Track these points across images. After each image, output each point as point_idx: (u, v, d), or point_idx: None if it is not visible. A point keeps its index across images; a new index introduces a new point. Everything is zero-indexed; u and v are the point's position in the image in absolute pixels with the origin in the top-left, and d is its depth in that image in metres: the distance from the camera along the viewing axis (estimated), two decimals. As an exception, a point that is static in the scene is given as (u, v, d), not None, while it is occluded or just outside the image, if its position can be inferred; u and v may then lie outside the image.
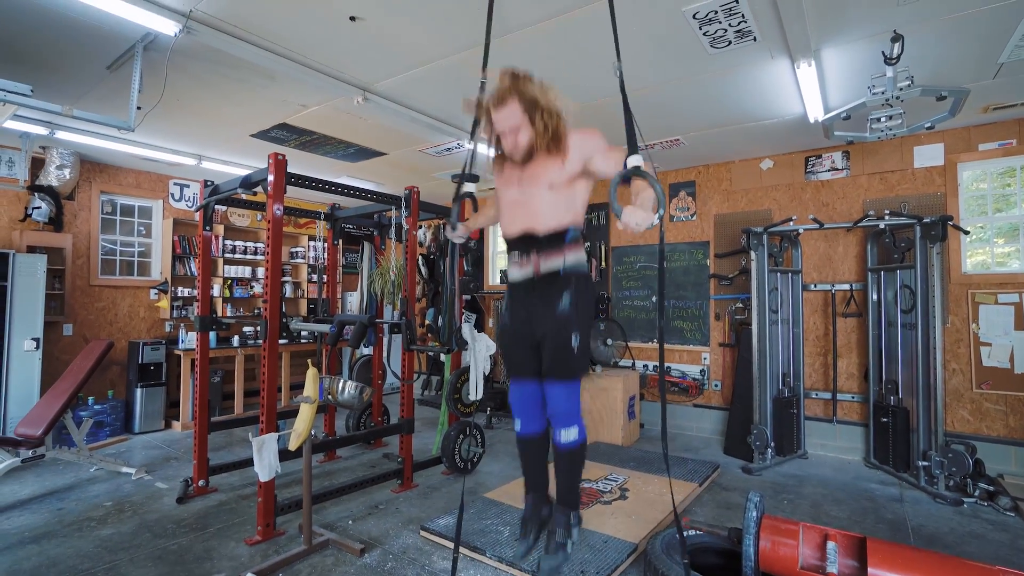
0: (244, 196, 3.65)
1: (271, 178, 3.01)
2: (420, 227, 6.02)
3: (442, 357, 4.50)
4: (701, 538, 2.49)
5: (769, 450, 4.30)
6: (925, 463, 3.80)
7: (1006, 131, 4.14)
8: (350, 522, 3.17)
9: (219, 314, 5.98)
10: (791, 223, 4.52)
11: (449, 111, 4.02)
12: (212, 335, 5.40)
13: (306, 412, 2.74)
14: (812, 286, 4.80)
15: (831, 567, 2.01)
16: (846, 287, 4.66)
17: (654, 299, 5.74)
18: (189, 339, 5.41)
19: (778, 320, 4.56)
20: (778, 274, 4.59)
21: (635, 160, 1.60)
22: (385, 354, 4.73)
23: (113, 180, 5.54)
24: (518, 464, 4.32)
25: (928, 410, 3.84)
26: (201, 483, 3.58)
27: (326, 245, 4.75)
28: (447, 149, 4.89)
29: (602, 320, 5.37)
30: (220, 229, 6.09)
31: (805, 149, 4.89)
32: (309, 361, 3.02)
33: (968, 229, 4.28)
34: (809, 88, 3.35)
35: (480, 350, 4.08)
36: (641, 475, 3.92)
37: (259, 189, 3.24)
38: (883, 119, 3.11)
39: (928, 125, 3.06)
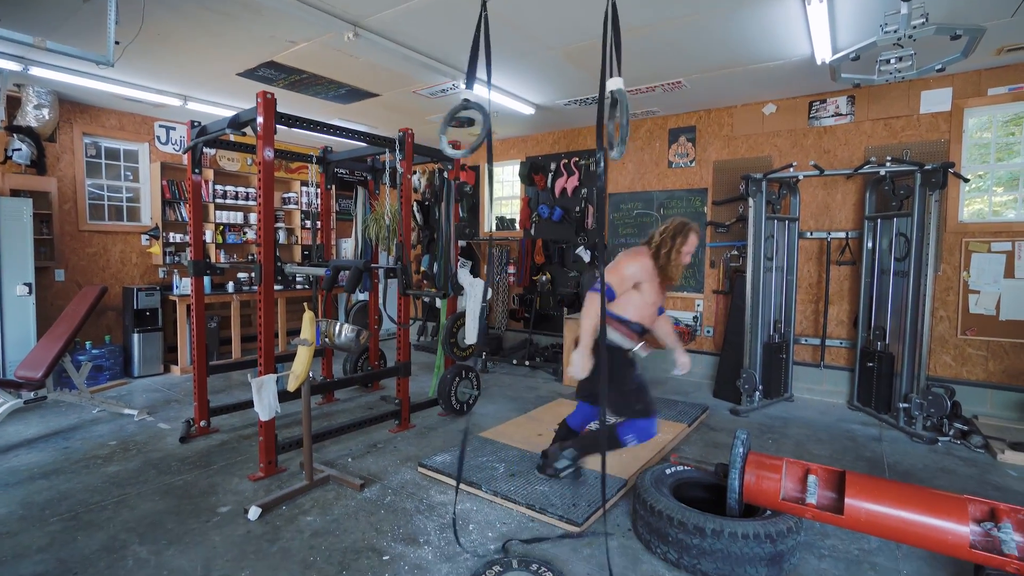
0: (233, 138, 3.55)
1: (260, 119, 2.91)
2: (414, 172, 5.90)
3: (438, 303, 4.53)
4: (689, 473, 2.59)
5: (757, 393, 4.43)
6: (905, 405, 3.94)
7: (1018, 74, 4.03)
8: (349, 460, 3.28)
9: (212, 260, 5.94)
10: (791, 169, 4.46)
11: (444, 49, 3.86)
12: (207, 281, 5.38)
13: (303, 354, 2.77)
14: (808, 234, 4.80)
15: (810, 498, 2.11)
16: (842, 235, 4.66)
17: (650, 247, 5.73)
18: (183, 285, 5.40)
19: (772, 268, 4.59)
20: (775, 221, 4.58)
21: (614, 83, 1.74)
22: (381, 299, 4.76)
23: (96, 121, 5.36)
24: (512, 406, 4.45)
25: (913, 355, 3.94)
26: (203, 423, 3.67)
27: (319, 190, 4.67)
28: (442, 90, 4.73)
29: (597, 268, 5.38)
30: (210, 174, 5.96)
31: (809, 94, 4.76)
32: (305, 304, 3.03)
33: (968, 177, 4.25)
34: (819, 26, 3.22)
35: (476, 295, 4.10)
36: (632, 417, 4.04)
37: (248, 130, 3.14)
38: (892, 60, 3.01)
39: (939, 67, 2.96)
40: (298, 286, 6.38)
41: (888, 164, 4.13)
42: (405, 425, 3.88)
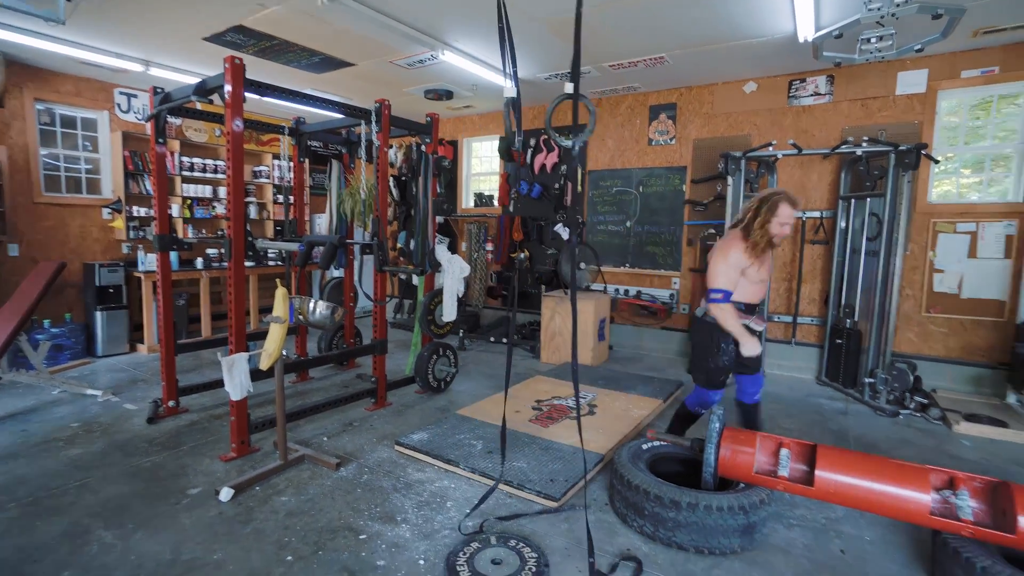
0: (200, 106, 3.37)
1: (228, 86, 2.76)
2: (391, 146, 5.72)
3: (415, 280, 4.46)
4: (665, 448, 2.63)
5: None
6: (871, 380, 4.06)
7: (990, 58, 4.08)
8: (325, 439, 3.24)
9: (180, 235, 5.73)
10: (770, 148, 4.48)
11: (424, 18, 3.71)
12: (174, 256, 5.19)
13: (276, 332, 2.69)
14: (783, 213, 4.84)
15: (783, 471, 2.16)
16: (817, 215, 4.72)
17: (628, 224, 5.74)
18: (149, 261, 5.20)
19: (748, 247, 4.62)
20: (752, 201, 4.61)
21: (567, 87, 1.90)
22: (357, 276, 4.67)
23: (48, 86, 5.05)
24: (490, 383, 4.44)
25: (880, 332, 4.05)
26: (171, 404, 3.57)
27: (292, 164, 4.51)
28: (420, 61, 4.58)
29: (577, 244, 5.36)
30: (176, 145, 5.70)
31: (790, 72, 4.76)
32: (278, 280, 2.94)
33: (939, 159, 4.32)
34: (803, 3, 3.19)
35: (454, 272, 4.05)
36: (609, 392, 4.09)
37: (216, 99, 2.98)
38: (873, 40, 3.01)
39: (918, 47, 2.98)
40: (270, 262, 6.21)
41: (864, 144, 4.18)
42: (382, 403, 3.84)
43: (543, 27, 3.82)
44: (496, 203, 6.63)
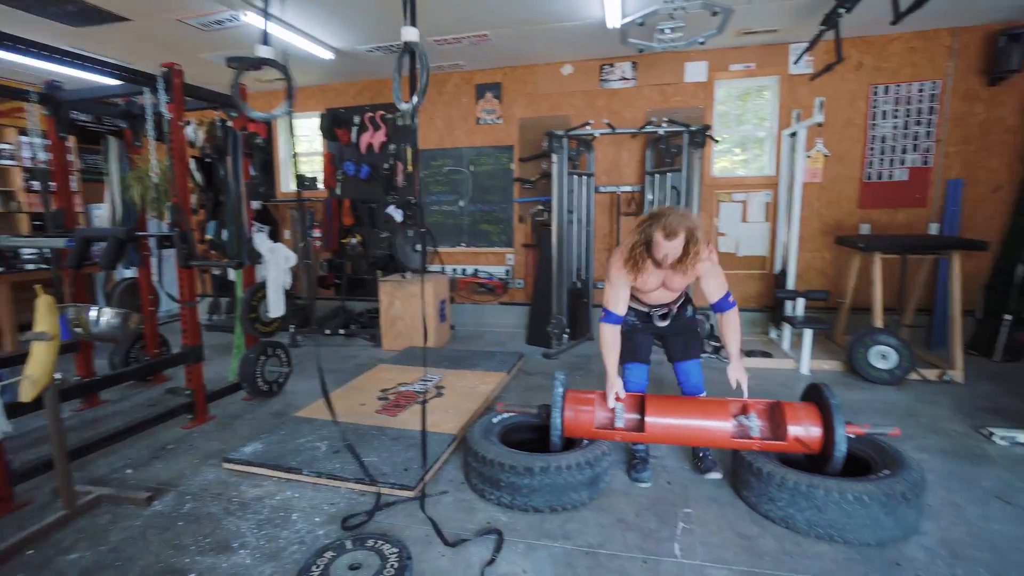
0: None
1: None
2: (188, 121, 4.87)
3: (231, 274, 3.94)
4: (515, 418, 2.72)
5: (565, 336, 4.85)
6: (680, 333, 4.70)
7: (749, 55, 4.88)
8: (129, 471, 2.72)
9: None
10: (588, 127, 4.82)
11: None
12: None
13: (42, 352, 2.15)
14: (602, 188, 5.30)
15: (619, 422, 2.38)
16: (629, 189, 5.25)
17: (461, 203, 5.77)
18: None
19: (574, 220, 4.97)
20: (575, 177, 4.94)
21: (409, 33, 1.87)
22: (156, 275, 3.97)
23: None
24: (330, 379, 4.14)
25: (684, 291, 4.69)
26: None
27: (48, 141, 3.59)
28: (217, 22, 3.96)
29: (410, 226, 5.24)
30: None
31: (601, 57, 5.15)
32: (38, 288, 2.34)
33: (718, 139, 5.09)
34: (607, -9, 3.44)
35: (278, 262, 3.67)
36: (455, 372, 4.11)
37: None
38: (668, 31, 3.38)
39: (701, 40, 3.43)
40: (28, 266, 4.97)
41: (665, 125, 4.73)
42: (202, 418, 3.35)
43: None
44: (321, 186, 6.15)
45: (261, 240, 3.74)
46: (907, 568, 1.88)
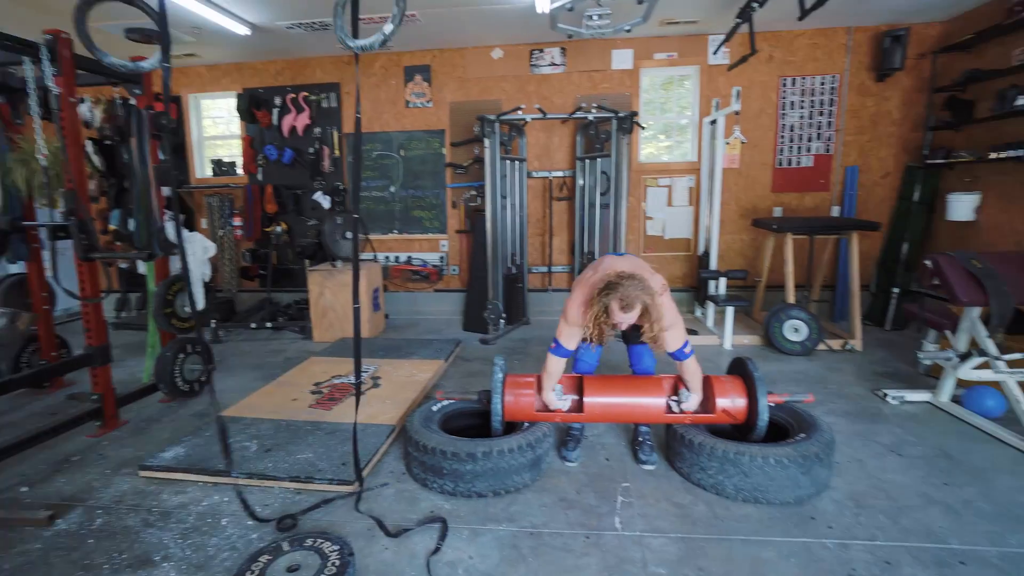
0: None
1: None
2: (83, 99, 4.32)
3: (141, 267, 3.62)
4: (455, 406, 2.70)
5: (501, 321, 4.87)
6: (612, 315, 4.85)
7: (672, 45, 5.05)
8: (24, 489, 2.45)
9: None
10: (520, 112, 4.82)
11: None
12: None
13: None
14: (534, 173, 5.34)
15: (558, 405, 2.42)
16: (560, 174, 5.31)
17: (392, 189, 5.61)
18: None
19: (507, 205, 4.98)
20: (507, 162, 4.93)
21: None
22: (49, 270, 3.57)
23: None
24: (257, 374, 3.96)
25: (615, 274, 4.83)
26: None
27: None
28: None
29: (340, 213, 5.04)
30: None
31: (531, 42, 5.14)
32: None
33: (645, 125, 5.25)
34: (536, -26, 3.42)
35: (196, 252, 3.43)
36: (391, 362, 4.02)
37: None
38: (596, 17, 3.42)
39: (627, 28, 3.49)
40: None
41: (594, 111, 4.81)
42: (113, 424, 3.08)
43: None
44: (240, 171, 5.77)
45: (173, 229, 3.45)
46: (820, 521, 2.06)
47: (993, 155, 3.97)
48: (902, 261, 4.82)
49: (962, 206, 4.34)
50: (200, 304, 3.44)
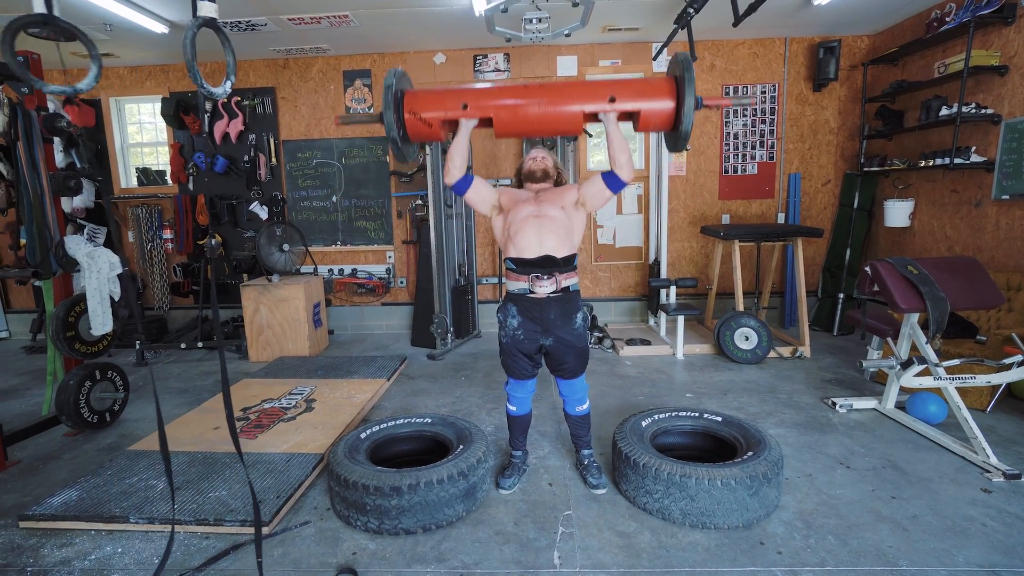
0: None
1: None
2: None
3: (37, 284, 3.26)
4: (391, 430, 2.50)
5: (450, 335, 4.68)
6: (564, 326, 4.74)
7: (616, 52, 5.02)
8: None
9: None
10: (462, 120, 4.66)
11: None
12: None
13: None
14: (482, 183, 5.18)
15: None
16: (508, 182, 5.18)
17: (335, 198, 5.36)
18: None
19: (453, 215, 4.80)
20: (453, 171, 4.76)
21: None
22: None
23: None
24: (183, 399, 3.64)
25: (566, 284, 4.72)
26: None
27: None
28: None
29: (278, 224, 4.75)
30: None
31: (474, 48, 5.01)
32: None
33: (592, 133, 5.18)
34: (471, -26, 3.29)
35: (100, 269, 3.10)
36: (329, 382, 3.78)
37: None
38: (534, 21, 3.31)
39: (567, 32, 3.40)
40: None
41: (538, 119, 4.70)
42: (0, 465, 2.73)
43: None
44: (170, 180, 5.39)
45: (77, 244, 3.13)
46: (769, 545, 1.96)
47: (922, 163, 4.07)
48: (846, 267, 4.90)
49: (897, 212, 4.44)
50: (106, 326, 3.11)
